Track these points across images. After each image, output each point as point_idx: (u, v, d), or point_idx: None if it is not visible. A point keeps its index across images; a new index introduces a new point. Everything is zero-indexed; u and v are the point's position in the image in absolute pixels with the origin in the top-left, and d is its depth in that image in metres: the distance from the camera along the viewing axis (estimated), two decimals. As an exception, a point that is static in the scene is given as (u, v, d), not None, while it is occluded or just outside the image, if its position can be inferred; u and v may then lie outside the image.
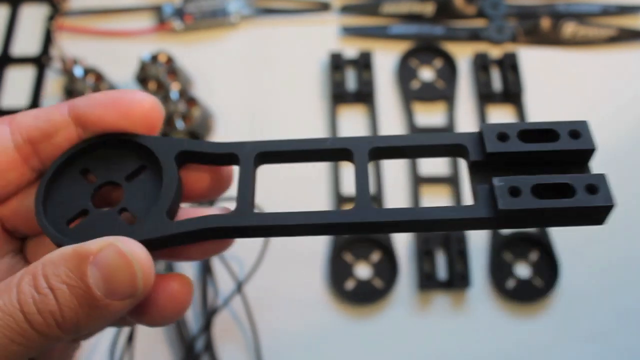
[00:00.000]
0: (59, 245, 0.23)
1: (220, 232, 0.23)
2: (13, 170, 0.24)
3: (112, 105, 0.24)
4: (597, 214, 0.21)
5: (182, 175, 0.25)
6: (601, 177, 0.22)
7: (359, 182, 0.24)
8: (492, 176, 0.22)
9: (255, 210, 0.24)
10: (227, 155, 0.25)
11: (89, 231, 0.23)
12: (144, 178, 0.25)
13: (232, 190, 0.26)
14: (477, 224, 0.23)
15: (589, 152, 0.23)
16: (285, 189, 0.46)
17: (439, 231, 0.23)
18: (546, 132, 0.23)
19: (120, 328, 0.45)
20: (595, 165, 0.54)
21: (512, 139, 0.23)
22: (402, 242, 0.49)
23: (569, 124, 0.23)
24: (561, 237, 0.48)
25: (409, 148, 0.24)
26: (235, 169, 0.25)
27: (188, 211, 0.26)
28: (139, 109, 0.24)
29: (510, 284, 0.47)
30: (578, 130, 0.23)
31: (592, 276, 0.48)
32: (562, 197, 0.22)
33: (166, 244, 0.23)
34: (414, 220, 0.22)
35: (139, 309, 0.23)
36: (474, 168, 0.24)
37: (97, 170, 0.25)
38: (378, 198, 0.50)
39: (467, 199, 0.50)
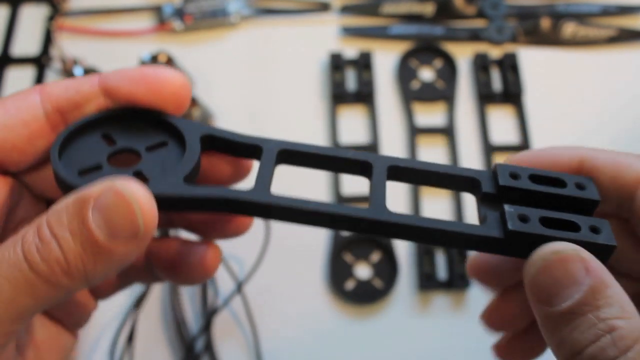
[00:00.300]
0: (67, 189, 0.23)
1: (235, 205, 0.23)
2: (42, 138, 0.25)
3: (144, 81, 0.24)
4: (598, 253, 0.22)
5: (202, 161, 0.26)
6: (604, 222, 0.23)
7: (374, 193, 0.24)
8: (503, 204, 0.24)
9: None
10: (250, 146, 0.25)
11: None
12: (165, 152, 0.25)
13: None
14: (484, 243, 0.23)
15: (593, 202, 0.24)
16: (286, 188, 0.46)
17: (444, 245, 0.24)
18: (554, 179, 0.24)
19: (121, 327, 0.45)
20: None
21: (523, 178, 0.24)
22: (402, 243, 0.49)
23: (576, 177, 0.25)
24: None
25: (426, 173, 0.25)
26: (255, 164, 0.26)
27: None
28: (170, 87, 0.25)
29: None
30: (583, 184, 0.25)
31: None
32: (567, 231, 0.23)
33: (178, 206, 0.23)
34: (424, 227, 0.23)
35: (171, 268, 0.24)
36: (484, 200, 0.25)
37: (119, 137, 0.25)
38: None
39: (467, 199, 0.50)
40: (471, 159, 0.52)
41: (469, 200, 0.50)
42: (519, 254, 0.23)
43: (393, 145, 0.53)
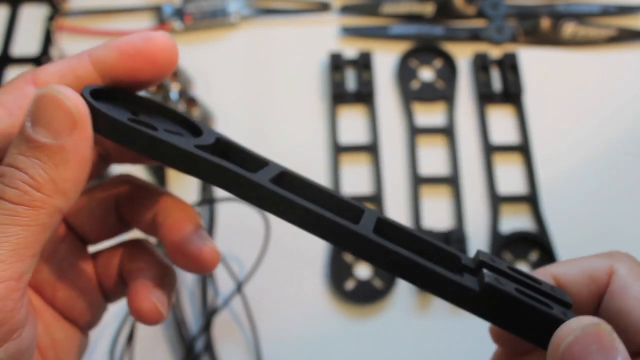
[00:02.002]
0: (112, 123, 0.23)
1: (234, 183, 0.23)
2: None
3: (138, 54, 0.24)
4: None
5: None
6: (572, 314, 0.24)
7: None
8: (481, 270, 0.24)
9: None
10: (255, 162, 0.25)
11: (109, 108, 0.23)
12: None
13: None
14: (459, 292, 0.24)
15: (567, 304, 0.24)
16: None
17: (419, 285, 0.24)
18: (530, 277, 0.24)
19: (121, 327, 0.45)
20: (596, 164, 0.54)
21: (501, 265, 0.24)
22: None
23: (553, 288, 0.24)
24: (558, 237, 0.48)
25: (411, 237, 0.24)
26: None
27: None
28: (165, 52, 0.24)
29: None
30: (555, 289, 0.24)
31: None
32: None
33: (181, 163, 0.23)
34: (406, 257, 0.23)
35: (174, 250, 0.26)
36: (463, 272, 0.24)
37: (142, 114, 0.25)
38: (378, 198, 0.50)
39: (467, 199, 0.50)
40: (471, 159, 0.52)
41: (469, 201, 0.50)
42: (488, 315, 0.24)
43: (393, 145, 0.53)
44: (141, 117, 0.24)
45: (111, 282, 0.29)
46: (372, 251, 0.22)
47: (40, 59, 0.57)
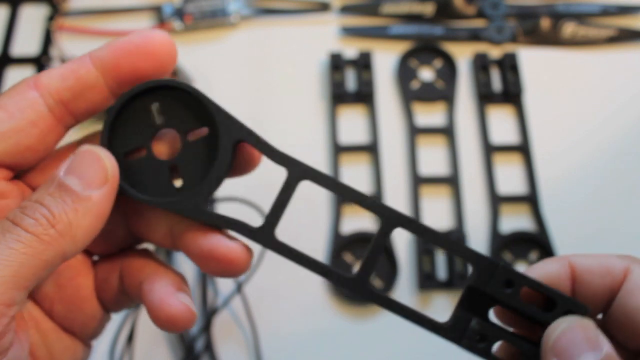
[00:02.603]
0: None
1: (248, 233, 0.26)
2: (51, 133, 0.25)
3: (139, 51, 0.25)
4: None
5: None
6: None
7: (371, 252, 0.26)
8: (477, 310, 0.26)
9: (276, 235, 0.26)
10: (280, 162, 0.26)
11: (137, 174, 0.25)
12: (202, 143, 0.26)
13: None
14: (442, 337, 0.27)
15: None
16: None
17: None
18: (547, 298, 0.25)
19: (121, 327, 0.45)
20: (596, 164, 0.54)
21: (515, 289, 0.25)
22: (402, 242, 0.49)
23: (571, 303, 0.25)
24: (558, 237, 0.48)
25: (433, 236, 0.26)
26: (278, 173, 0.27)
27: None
28: (164, 48, 0.25)
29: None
30: (573, 311, 0.25)
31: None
32: None
33: (198, 220, 0.26)
34: (399, 306, 0.27)
35: (203, 258, 0.26)
36: (469, 290, 0.26)
37: (164, 110, 0.26)
38: (378, 198, 0.50)
39: (467, 199, 0.50)
40: (471, 159, 0.52)
41: (469, 201, 0.50)
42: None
43: (393, 145, 0.53)
44: (161, 119, 0.26)
45: (112, 294, 0.28)
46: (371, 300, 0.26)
47: (40, 59, 0.57)
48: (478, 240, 0.49)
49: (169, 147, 0.26)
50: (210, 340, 0.45)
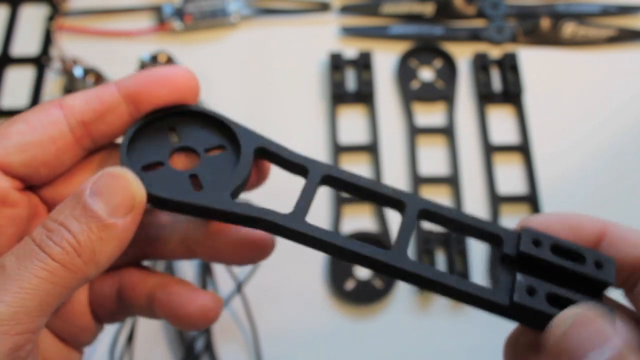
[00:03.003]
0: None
1: (271, 227, 0.25)
2: (69, 152, 0.26)
3: (162, 82, 0.26)
4: None
5: None
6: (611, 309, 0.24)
7: (402, 232, 0.26)
8: (517, 271, 0.25)
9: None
10: (298, 165, 0.27)
11: (158, 182, 0.25)
12: (222, 158, 0.27)
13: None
14: (490, 306, 0.25)
15: (605, 284, 0.25)
16: (286, 188, 0.46)
17: (456, 299, 0.26)
18: (575, 253, 0.25)
19: (121, 327, 0.45)
20: (596, 164, 0.54)
21: (544, 247, 0.25)
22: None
23: (597, 254, 0.25)
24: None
25: (454, 221, 0.27)
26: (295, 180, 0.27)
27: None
28: (186, 83, 0.27)
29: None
30: (602, 263, 0.25)
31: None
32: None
33: (221, 217, 0.26)
34: (439, 282, 0.25)
35: (238, 247, 0.26)
36: (504, 260, 0.26)
37: (182, 133, 0.27)
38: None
39: (467, 200, 0.50)
40: (471, 159, 0.52)
41: (469, 201, 0.50)
42: (521, 321, 0.25)
43: (393, 145, 0.53)
44: (181, 138, 0.27)
45: (107, 308, 0.29)
46: (405, 278, 0.25)
47: (40, 59, 0.57)
48: (478, 241, 0.49)
49: (188, 160, 0.27)
50: (210, 340, 0.45)
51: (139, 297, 0.28)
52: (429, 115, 0.54)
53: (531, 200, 0.50)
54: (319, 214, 0.50)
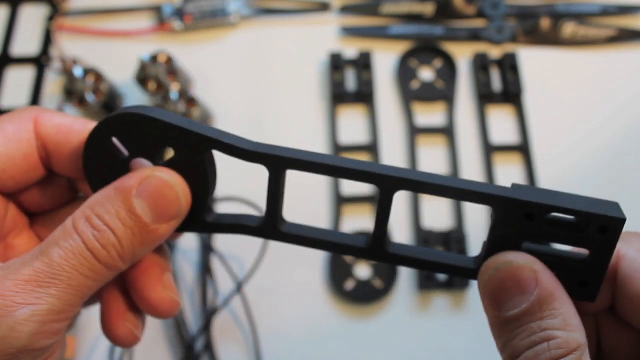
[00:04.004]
0: None
1: (252, 232, 0.25)
2: (35, 171, 0.26)
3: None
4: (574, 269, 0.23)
5: None
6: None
7: (379, 219, 0.25)
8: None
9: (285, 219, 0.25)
10: (256, 156, 0.25)
11: None
12: (176, 163, 0.25)
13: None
14: (460, 273, 0.25)
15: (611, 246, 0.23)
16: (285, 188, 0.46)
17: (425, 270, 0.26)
18: (575, 216, 0.23)
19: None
20: (596, 164, 0.54)
21: (537, 220, 0.22)
22: (402, 240, 0.49)
23: (603, 218, 0.22)
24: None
25: (432, 187, 0.24)
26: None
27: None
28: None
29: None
30: (609, 228, 0.22)
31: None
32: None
33: (207, 230, 0.26)
34: (415, 259, 0.25)
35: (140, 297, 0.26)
36: (493, 235, 0.23)
37: (126, 143, 0.25)
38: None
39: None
40: (471, 159, 0.52)
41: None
42: None
43: (393, 145, 0.53)
44: (128, 148, 0.25)
45: None
46: (390, 261, 0.25)
47: (40, 59, 0.57)
48: (478, 240, 0.49)
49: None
50: (210, 340, 0.45)
51: None
52: (429, 115, 0.54)
53: (531, 200, 0.50)
54: (320, 214, 0.50)
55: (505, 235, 0.23)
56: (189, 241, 0.48)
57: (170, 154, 0.25)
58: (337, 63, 0.55)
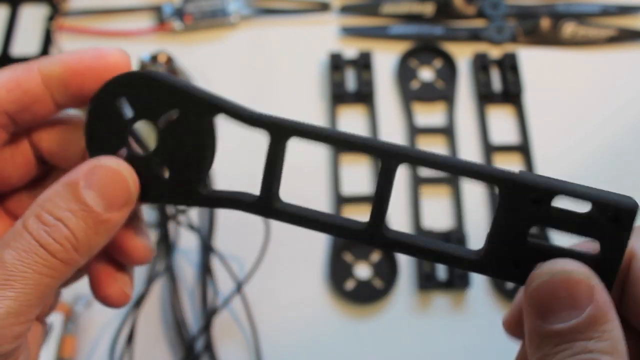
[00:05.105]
0: None
1: (246, 207, 0.25)
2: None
3: (92, 65, 0.24)
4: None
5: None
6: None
7: (377, 201, 0.24)
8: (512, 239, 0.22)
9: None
10: (260, 121, 0.26)
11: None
12: (178, 129, 0.25)
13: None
14: (459, 262, 0.24)
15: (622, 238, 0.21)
16: (285, 188, 0.46)
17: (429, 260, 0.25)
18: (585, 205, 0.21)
19: (121, 327, 0.45)
20: (596, 164, 0.54)
21: (545, 205, 0.22)
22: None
23: (615, 206, 0.21)
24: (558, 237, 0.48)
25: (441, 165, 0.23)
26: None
27: None
28: (118, 65, 0.25)
29: (511, 284, 0.47)
30: (621, 217, 0.21)
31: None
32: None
33: (203, 205, 0.26)
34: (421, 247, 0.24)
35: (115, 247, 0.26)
36: (498, 219, 0.23)
37: (133, 105, 0.25)
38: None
39: (467, 200, 0.50)
40: (471, 158, 0.52)
41: (469, 201, 0.50)
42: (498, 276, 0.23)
43: (393, 145, 0.53)
44: (133, 108, 0.24)
45: None
46: (389, 247, 0.24)
47: (40, 59, 0.57)
48: (478, 240, 0.49)
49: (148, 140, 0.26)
50: (210, 340, 0.45)
51: None
52: (429, 115, 0.54)
53: (531, 200, 0.50)
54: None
55: (509, 222, 0.22)
56: (189, 241, 0.48)
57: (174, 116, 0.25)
58: (337, 63, 0.55)
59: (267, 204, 0.25)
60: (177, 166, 0.25)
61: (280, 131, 0.25)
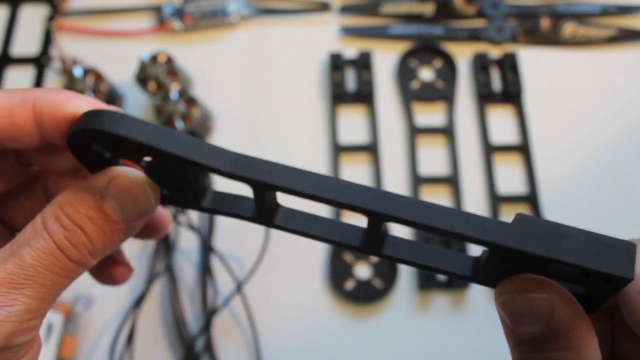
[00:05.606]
0: None
1: (248, 220, 0.26)
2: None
3: (53, 118, 0.24)
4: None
5: None
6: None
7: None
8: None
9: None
10: (234, 176, 0.25)
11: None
12: (162, 165, 0.24)
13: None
14: (458, 278, 0.25)
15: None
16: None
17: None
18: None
19: (121, 327, 0.45)
20: (596, 164, 0.54)
21: (538, 265, 0.21)
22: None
23: (608, 275, 0.20)
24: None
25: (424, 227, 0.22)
26: None
27: None
28: (76, 116, 0.24)
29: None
30: (613, 282, 0.21)
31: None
32: None
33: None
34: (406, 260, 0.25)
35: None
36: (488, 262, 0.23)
37: (107, 149, 0.24)
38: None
39: (467, 199, 0.50)
40: (471, 159, 0.52)
41: (469, 201, 0.50)
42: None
43: (393, 145, 0.53)
44: (115, 159, 0.24)
45: None
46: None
47: (40, 59, 0.57)
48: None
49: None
50: (210, 340, 0.45)
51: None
52: (429, 115, 0.54)
53: (531, 200, 0.50)
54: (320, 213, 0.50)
55: (502, 265, 0.22)
56: (189, 241, 0.48)
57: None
58: (337, 63, 0.55)
59: (265, 219, 0.26)
60: (172, 190, 0.25)
61: (261, 187, 0.23)
